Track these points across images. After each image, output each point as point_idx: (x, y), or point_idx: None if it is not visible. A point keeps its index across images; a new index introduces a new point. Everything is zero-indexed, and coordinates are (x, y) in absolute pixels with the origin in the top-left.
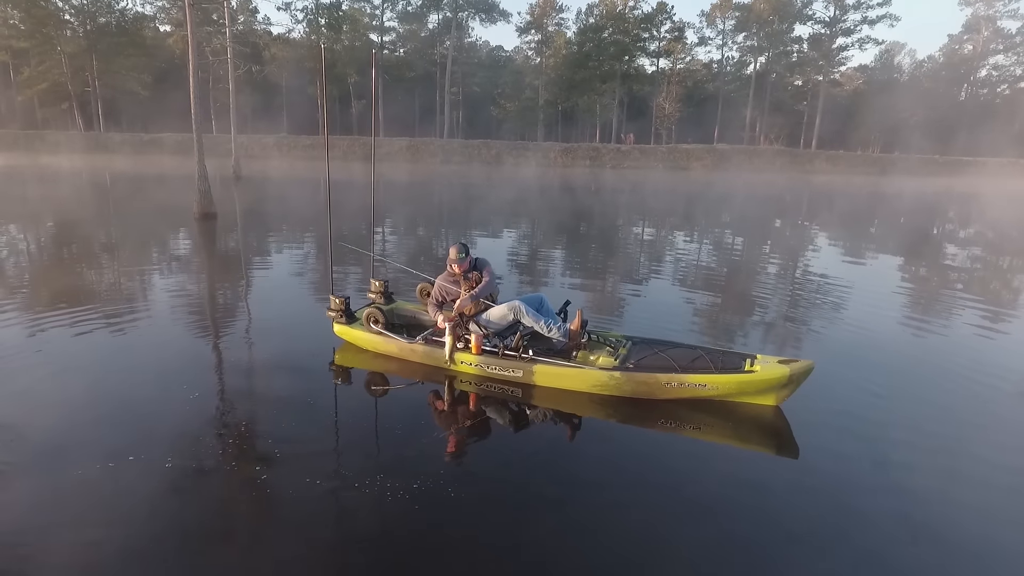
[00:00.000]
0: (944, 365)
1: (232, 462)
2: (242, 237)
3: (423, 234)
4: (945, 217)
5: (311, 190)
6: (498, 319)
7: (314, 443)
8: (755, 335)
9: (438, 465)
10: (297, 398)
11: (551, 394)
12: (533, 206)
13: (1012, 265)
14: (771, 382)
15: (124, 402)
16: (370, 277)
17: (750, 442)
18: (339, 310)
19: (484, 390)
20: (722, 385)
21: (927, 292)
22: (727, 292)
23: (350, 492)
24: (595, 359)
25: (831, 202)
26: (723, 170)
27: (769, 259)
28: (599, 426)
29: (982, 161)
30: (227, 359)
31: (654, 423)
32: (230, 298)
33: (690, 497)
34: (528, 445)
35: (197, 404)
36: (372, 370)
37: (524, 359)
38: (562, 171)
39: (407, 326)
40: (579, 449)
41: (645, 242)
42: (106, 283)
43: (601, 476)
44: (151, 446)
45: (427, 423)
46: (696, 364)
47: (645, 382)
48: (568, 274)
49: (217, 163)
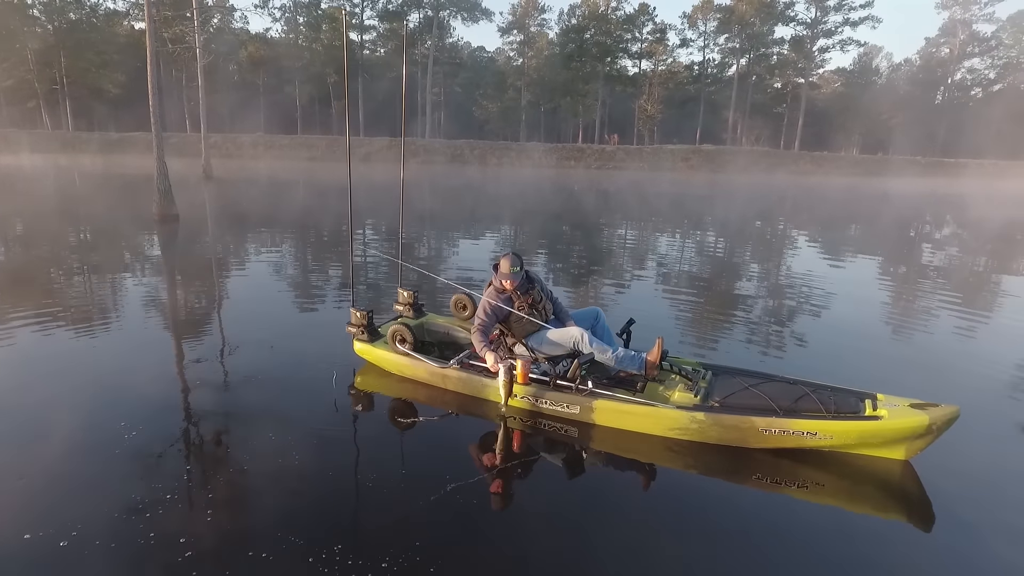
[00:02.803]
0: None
1: (229, 508)
2: (208, 241)
3: (434, 239)
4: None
5: (287, 191)
6: (552, 345)
7: (328, 483)
8: (861, 363)
9: (474, 516)
10: (310, 429)
11: (615, 436)
12: (536, 206)
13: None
14: (903, 432)
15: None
16: (397, 287)
17: (870, 506)
18: (360, 325)
19: (531, 427)
20: (838, 435)
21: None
22: (815, 307)
23: (370, 547)
24: (668, 393)
25: (865, 205)
26: (709, 171)
27: (856, 268)
28: (674, 479)
29: (963, 163)
30: (208, 382)
31: (746, 477)
32: (196, 311)
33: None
34: (584, 498)
35: (174, 437)
36: (398, 397)
37: (582, 392)
38: (550, 171)
39: (439, 344)
40: (649, 507)
41: (693, 246)
42: (40, 297)
43: (676, 543)
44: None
45: (461, 464)
46: (801, 405)
47: (737, 427)
48: (597, 278)
49: (188, 163)
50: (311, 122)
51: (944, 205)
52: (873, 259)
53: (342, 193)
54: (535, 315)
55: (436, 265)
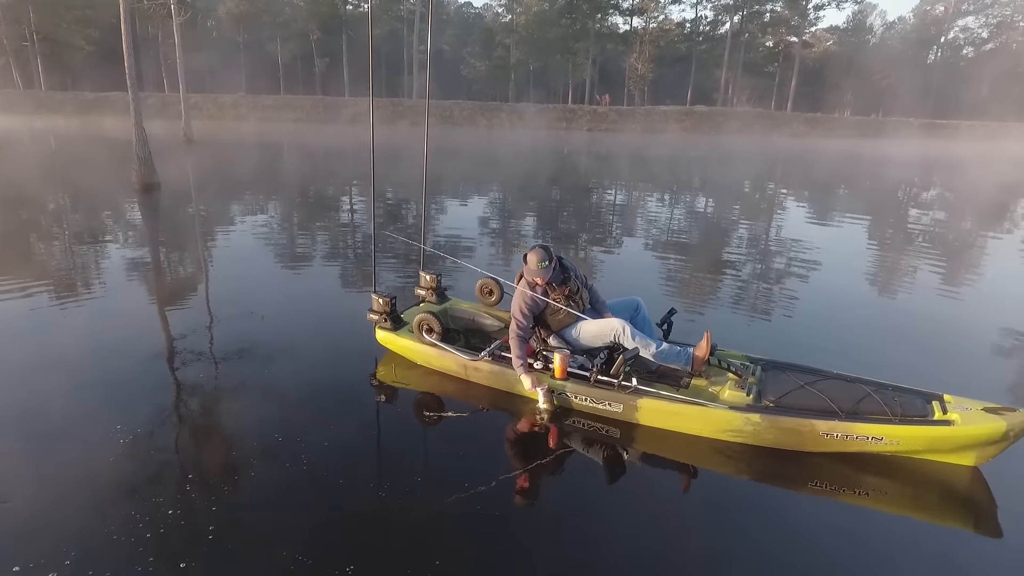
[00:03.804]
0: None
1: (244, 499)
2: (193, 213)
3: (448, 212)
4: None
5: (274, 155)
6: (590, 338)
7: (348, 480)
8: (915, 354)
9: (505, 516)
10: (328, 421)
11: (659, 436)
12: (543, 170)
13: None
14: (977, 439)
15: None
16: (419, 270)
17: (935, 514)
18: (383, 312)
19: (569, 424)
20: (906, 440)
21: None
22: (865, 291)
23: (392, 545)
24: (717, 390)
25: (885, 172)
26: (701, 133)
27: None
28: (723, 483)
29: (955, 124)
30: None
31: (802, 483)
32: (184, 291)
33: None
34: (625, 501)
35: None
36: (424, 389)
37: (626, 390)
38: (543, 134)
39: (464, 331)
40: (696, 512)
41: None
42: (20, 279)
43: (726, 550)
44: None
45: (492, 462)
46: (864, 407)
47: (796, 430)
48: (625, 254)
49: (167, 125)
50: (294, 81)
51: (969, 172)
52: (929, 242)
53: (333, 157)
54: (572, 306)
55: (452, 241)
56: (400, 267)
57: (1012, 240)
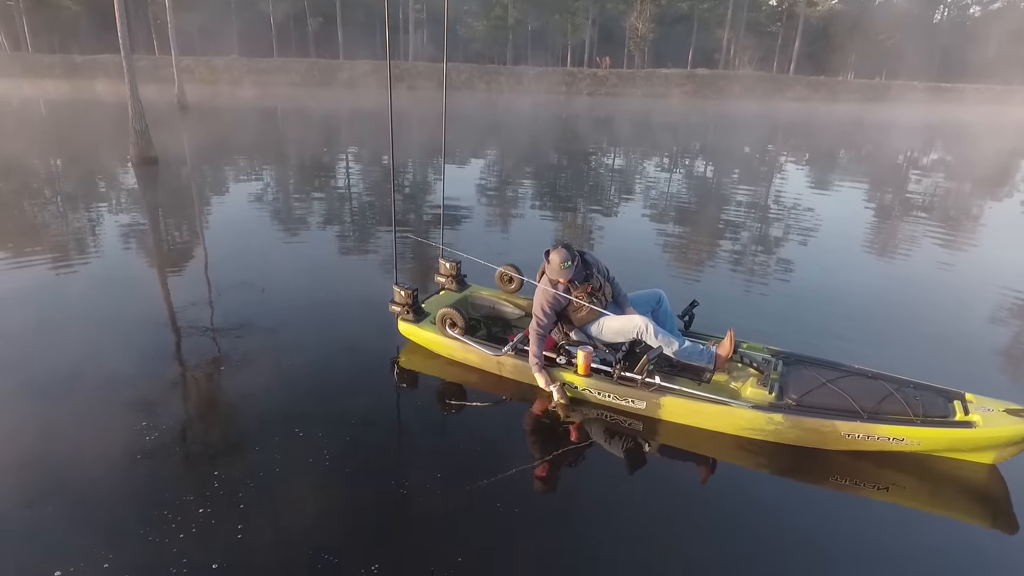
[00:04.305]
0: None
1: (271, 477)
2: (195, 189)
3: (460, 189)
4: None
5: (272, 124)
6: (613, 334)
7: (370, 470)
8: (944, 352)
9: (525, 507)
10: (350, 411)
11: (680, 431)
12: (548, 139)
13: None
14: (999, 441)
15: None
16: (439, 257)
17: (953, 511)
18: (405, 304)
19: (591, 418)
20: (927, 441)
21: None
22: (885, 277)
23: (413, 533)
24: (738, 387)
25: (897, 139)
26: (703, 97)
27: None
28: (744, 478)
29: (960, 88)
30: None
31: (821, 478)
32: (192, 276)
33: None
34: (646, 493)
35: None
36: (446, 379)
37: (649, 387)
38: (543, 99)
39: (484, 320)
40: (716, 505)
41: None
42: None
43: (745, 543)
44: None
45: (513, 453)
46: (886, 407)
47: (818, 430)
48: (638, 237)
49: (159, 89)
50: (287, 42)
51: (983, 140)
52: (958, 225)
53: (334, 124)
54: (595, 303)
55: (466, 219)
56: (417, 248)
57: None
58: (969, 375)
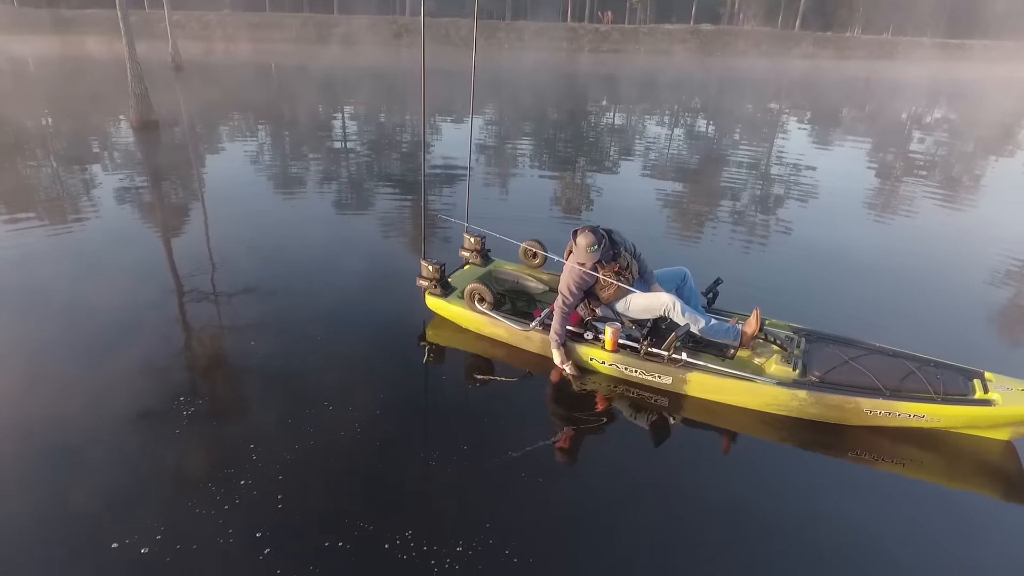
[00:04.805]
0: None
1: (305, 449)
2: (200, 154)
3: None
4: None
5: (270, 85)
6: (639, 311)
7: (400, 441)
8: (959, 326)
9: (551, 478)
10: (379, 382)
11: (705, 406)
12: (560, 100)
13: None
14: (1016, 419)
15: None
16: (463, 232)
17: (968, 484)
18: (433, 279)
19: (617, 393)
20: (946, 418)
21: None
22: (908, 252)
23: (442, 507)
24: (762, 363)
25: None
26: (708, 53)
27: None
28: (767, 451)
29: (969, 44)
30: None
31: (841, 452)
32: (206, 245)
33: (887, 542)
34: (670, 464)
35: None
36: (473, 352)
37: (676, 363)
38: (545, 56)
39: (508, 293)
40: (739, 478)
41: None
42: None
43: (767, 515)
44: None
45: (539, 426)
46: (907, 385)
47: (840, 407)
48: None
49: (151, 47)
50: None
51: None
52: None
53: (336, 83)
54: (622, 280)
55: (489, 192)
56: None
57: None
58: (990, 351)
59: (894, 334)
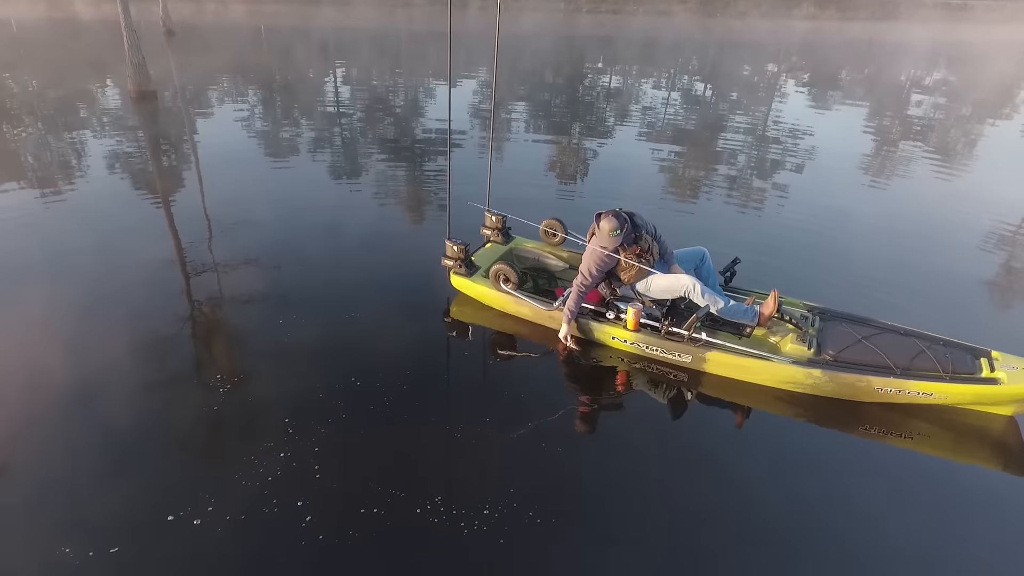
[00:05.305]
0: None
1: (337, 423)
2: (203, 124)
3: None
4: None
5: (267, 50)
6: (660, 292)
7: (425, 413)
8: (967, 305)
9: (572, 450)
10: (406, 358)
11: (723, 383)
12: (563, 65)
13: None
14: (1020, 396)
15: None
16: (485, 209)
17: (972, 457)
18: (457, 258)
19: (638, 369)
20: (954, 396)
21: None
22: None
23: (465, 476)
24: (778, 342)
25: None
26: (708, 15)
27: None
28: (781, 426)
29: (972, 4)
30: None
31: (852, 427)
32: (244, 229)
33: (894, 513)
34: (687, 438)
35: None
36: (496, 330)
37: (696, 343)
38: (542, 17)
39: (529, 271)
40: (754, 451)
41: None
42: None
43: (783, 485)
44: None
45: (560, 398)
46: (917, 364)
47: (853, 385)
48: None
49: (141, 9)
50: None
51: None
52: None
53: (337, 48)
54: (643, 262)
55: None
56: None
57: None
58: (996, 329)
59: (908, 309)
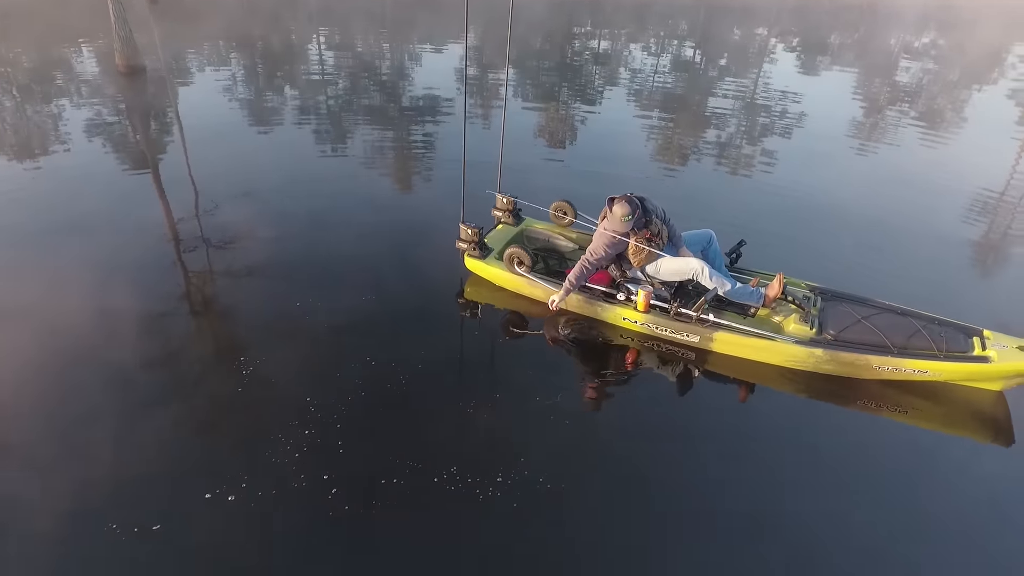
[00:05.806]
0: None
1: (357, 400)
2: (197, 101)
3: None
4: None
5: (256, 20)
6: (669, 274)
7: (440, 387)
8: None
9: (582, 425)
10: (421, 338)
11: (728, 360)
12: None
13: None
14: (1010, 374)
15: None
16: (496, 191)
17: (963, 429)
18: (471, 241)
19: (647, 348)
20: (947, 373)
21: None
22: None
23: (478, 448)
24: (781, 321)
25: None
26: None
27: None
28: (785, 402)
29: None
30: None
31: (851, 402)
32: (256, 208)
33: (888, 483)
34: (693, 412)
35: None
36: (510, 309)
37: (703, 323)
38: None
39: (540, 252)
40: (758, 425)
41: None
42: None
43: (783, 456)
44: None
45: (570, 375)
46: (913, 343)
47: (852, 363)
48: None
49: None
50: None
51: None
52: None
53: (329, 16)
54: (653, 246)
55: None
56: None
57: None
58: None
59: (903, 288)
